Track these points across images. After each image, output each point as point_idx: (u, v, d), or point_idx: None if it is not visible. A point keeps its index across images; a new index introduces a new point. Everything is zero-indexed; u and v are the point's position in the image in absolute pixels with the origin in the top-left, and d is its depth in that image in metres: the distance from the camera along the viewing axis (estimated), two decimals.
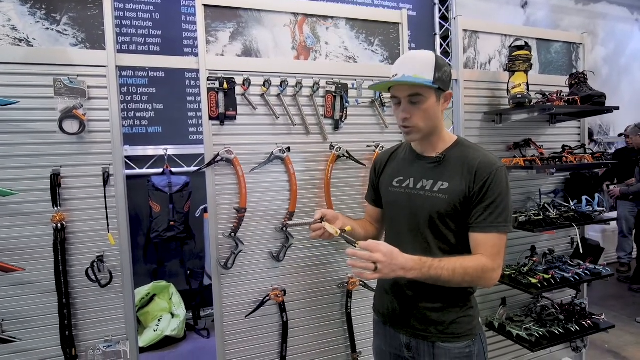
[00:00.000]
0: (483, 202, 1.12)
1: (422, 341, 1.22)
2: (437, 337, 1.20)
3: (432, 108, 1.16)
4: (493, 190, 1.12)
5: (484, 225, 1.12)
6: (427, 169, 1.23)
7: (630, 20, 6.02)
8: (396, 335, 1.29)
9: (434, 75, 1.13)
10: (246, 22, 1.84)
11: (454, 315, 1.20)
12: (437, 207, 1.17)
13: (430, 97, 1.15)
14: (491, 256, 1.11)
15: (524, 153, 2.30)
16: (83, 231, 1.63)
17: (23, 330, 1.56)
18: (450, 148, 1.22)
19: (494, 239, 1.12)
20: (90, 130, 1.62)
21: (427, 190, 1.21)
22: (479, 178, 1.13)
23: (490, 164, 1.13)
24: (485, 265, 1.10)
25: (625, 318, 3.38)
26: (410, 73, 1.13)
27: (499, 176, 1.12)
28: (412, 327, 1.24)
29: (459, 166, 1.17)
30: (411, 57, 1.18)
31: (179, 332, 3.14)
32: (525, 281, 2.05)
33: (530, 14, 5.04)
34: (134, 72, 3.35)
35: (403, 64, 1.17)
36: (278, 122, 1.86)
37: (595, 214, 2.21)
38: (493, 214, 1.11)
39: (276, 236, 1.89)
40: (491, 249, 1.12)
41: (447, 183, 1.17)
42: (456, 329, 1.19)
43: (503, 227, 1.12)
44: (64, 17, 1.61)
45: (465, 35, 2.25)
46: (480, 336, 1.23)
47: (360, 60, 2.06)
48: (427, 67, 1.13)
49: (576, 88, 2.26)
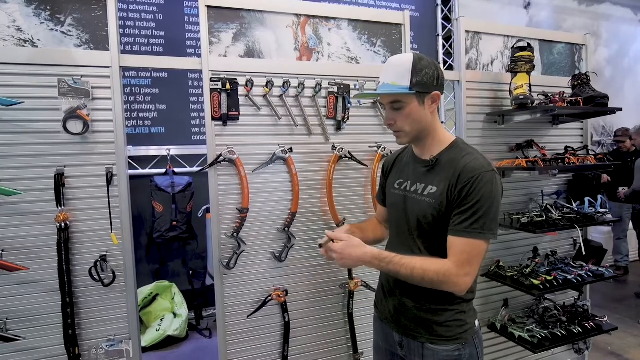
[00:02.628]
0: (461, 207, 1.10)
1: (413, 340, 1.23)
2: (425, 338, 1.20)
3: (416, 112, 1.16)
4: (473, 195, 1.08)
5: (458, 229, 1.10)
6: (421, 173, 1.24)
7: (634, 22, 6.00)
8: (390, 333, 1.31)
9: (411, 80, 1.12)
10: (249, 23, 1.85)
11: (442, 317, 1.19)
12: (424, 212, 1.17)
13: (411, 102, 1.15)
14: (458, 262, 1.08)
15: (526, 154, 2.30)
16: (86, 231, 1.64)
17: (27, 329, 1.57)
18: (444, 151, 1.21)
19: (465, 245, 1.09)
20: (94, 131, 1.63)
21: (418, 193, 1.21)
22: (460, 182, 1.11)
23: (474, 169, 1.10)
24: (448, 270, 1.08)
25: (629, 320, 3.37)
26: (388, 80, 1.15)
27: (482, 181, 1.09)
28: (403, 326, 1.25)
29: (447, 170, 1.16)
30: (389, 64, 1.19)
31: (181, 332, 3.15)
32: (527, 282, 2.05)
33: (533, 15, 5.03)
34: (137, 72, 3.37)
35: (384, 71, 1.19)
36: (280, 122, 1.87)
37: (598, 216, 2.21)
38: (469, 220, 1.08)
39: (278, 236, 1.89)
40: (460, 255, 1.09)
41: (435, 187, 1.17)
42: (445, 331, 1.19)
43: (478, 234, 1.08)
44: (69, 18, 1.63)
45: (468, 36, 2.25)
46: (473, 341, 1.22)
47: (362, 61, 2.06)
48: (403, 73, 1.13)
49: (579, 89, 2.25)
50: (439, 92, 1.18)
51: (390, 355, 1.33)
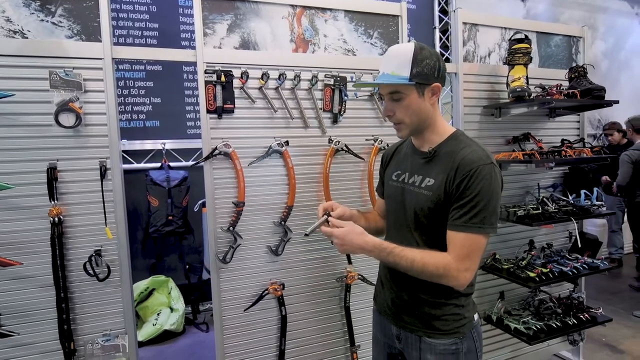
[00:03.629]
0: (459, 201, 1.08)
1: (410, 334, 1.23)
2: (422, 332, 1.20)
3: (415, 103, 1.14)
4: (471, 188, 1.06)
5: (457, 224, 1.08)
6: (419, 164, 1.22)
7: (630, 15, 5.99)
8: (388, 326, 1.31)
9: (411, 70, 1.10)
10: (244, 14, 1.82)
11: (440, 311, 1.19)
12: (421, 204, 1.16)
13: (411, 94, 1.13)
14: (458, 257, 1.07)
15: (523, 147, 2.30)
16: (80, 225, 1.62)
17: (21, 325, 1.56)
18: (443, 142, 1.19)
19: (465, 239, 1.07)
20: (86, 124, 1.61)
21: (415, 185, 1.20)
22: (458, 175, 1.09)
23: (473, 161, 1.08)
24: (448, 264, 1.07)
25: (623, 312, 3.40)
26: (388, 70, 1.13)
27: (480, 174, 1.06)
28: (401, 319, 1.25)
29: (446, 162, 1.14)
30: (389, 53, 1.16)
31: (178, 326, 3.15)
32: (523, 275, 2.06)
33: (530, 7, 5.00)
34: (131, 65, 3.32)
35: (384, 60, 1.16)
36: (276, 115, 1.85)
37: (593, 208, 2.21)
38: (468, 214, 1.07)
39: (275, 230, 1.88)
40: (459, 250, 1.08)
41: (433, 180, 1.15)
42: (442, 325, 1.18)
43: (477, 228, 1.06)
44: (59, 8, 1.59)
45: (465, 28, 2.23)
46: (472, 334, 1.21)
47: (359, 53, 2.04)
48: (403, 63, 1.11)
49: (576, 82, 2.25)
50: (440, 84, 1.15)
51: (388, 348, 1.33)
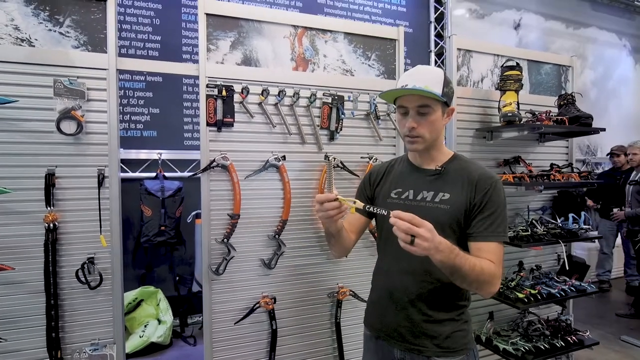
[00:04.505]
0: (484, 212, 1.15)
1: (417, 355, 1.20)
2: (432, 352, 1.18)
3: (438, 120, 1.20)
4: (493, 201, 1.15)
5: (486, 234, 1.14)
6: (427, 181, 1.25)
7: (618, 46, 6.22)
8: (389, 350, 1.25)
9: (443, 89, 1.17)
10: (247, 32, 1.88)
11: (449, 328, 1.19)
12: (438, 218, 1.17)
13: (437, 110, 1.19)
14: (496, 265, 1.13)
15: (513, 170, 2.36)
16: (75, 232, 1.62)
17: (9, 331, 1.54)
18: (449, 161, 1.26)
19: (495, 247, 1.14)
20: (87, 132, 1.63)
21: (427, 201, 1.22)
22: (479, 189, 1.17)
23: (490, 177, 1.19)
24: (495, 272, 1.12)
25: (610, 336, 3.42)
26: (421, 85, 1.16)
27: (499, 188, 1.17)
28: (406, 341, 1.22)
29: (459, 178, 1.21)
30: (422, 70, 1.22)
31: (165, 339, 3.10)
32: (512, 295, 2.08)
33: (523, 36, 5.19)
34: (131, 75, 3.36)
35: (413, 76, 1.20)
36: (274, 130, 1.89)
37: (581, 232, 2.26)
38: (494, 224, 1.14)
39: (268, 243, 1.90)
40: (494, 258, 1.13)
41: (448, 194, 1.19)
42: (451, 343, 1.18)
43: (502, 237, 1.15)
44: (67, 19, 1.64)
45: (459, 54, 2.31)
46: (473, 351, 1.23)
47: (356, 73, 2.11)
48: (436, 81, 1.18)
49: (565, 109, 2.33)
50: (454, 108, 1.26)
51: None
